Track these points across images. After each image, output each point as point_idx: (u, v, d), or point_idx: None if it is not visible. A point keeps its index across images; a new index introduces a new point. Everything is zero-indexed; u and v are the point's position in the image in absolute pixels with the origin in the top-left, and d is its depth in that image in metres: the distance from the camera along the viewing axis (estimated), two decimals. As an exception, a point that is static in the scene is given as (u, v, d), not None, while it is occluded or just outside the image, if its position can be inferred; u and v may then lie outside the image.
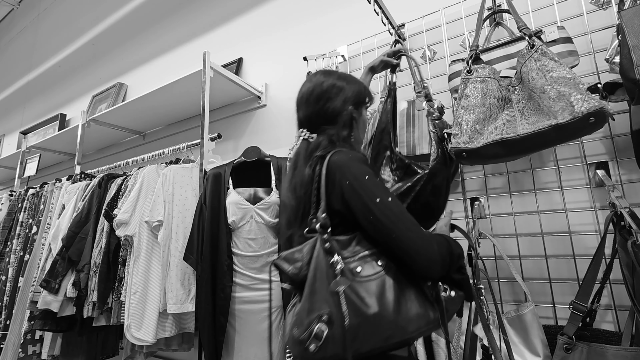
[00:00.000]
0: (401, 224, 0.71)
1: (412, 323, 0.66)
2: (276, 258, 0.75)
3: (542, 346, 0.93)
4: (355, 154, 0.81)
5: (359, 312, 0.65)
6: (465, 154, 0.94)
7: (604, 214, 1.05)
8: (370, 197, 0.73)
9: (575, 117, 0.79)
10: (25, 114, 3.81)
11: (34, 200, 2.23)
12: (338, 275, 0.67)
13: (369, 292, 0.67)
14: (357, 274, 0.69)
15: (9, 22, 4.47)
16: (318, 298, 0.66)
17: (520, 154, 0.98)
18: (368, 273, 0.70)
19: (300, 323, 0.65)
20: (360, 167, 0.77)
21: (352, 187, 0.74)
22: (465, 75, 1.01)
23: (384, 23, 1.36)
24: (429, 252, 0.69)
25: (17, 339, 1.82)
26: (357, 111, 0.92)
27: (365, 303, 0.65)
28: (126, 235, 1.49)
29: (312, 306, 0.65)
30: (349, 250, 0.73)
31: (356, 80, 0.96)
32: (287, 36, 1.92)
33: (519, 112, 0.92)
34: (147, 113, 2.16)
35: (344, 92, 0.90)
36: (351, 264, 0.70)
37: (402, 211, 0.73)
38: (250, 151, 1.48)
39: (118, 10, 2.98)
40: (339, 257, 0.70)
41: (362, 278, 0.69)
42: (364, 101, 0.94)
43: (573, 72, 0.85)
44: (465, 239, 0.97)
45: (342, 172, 0.76)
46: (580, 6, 1.14)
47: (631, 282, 0.84)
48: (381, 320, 0.65)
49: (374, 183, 0.75)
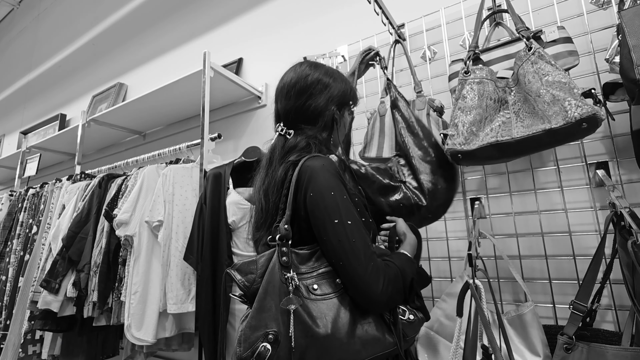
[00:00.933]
0: (350, 254, 0.66)
1: (367, 347, 0.62)
2: (230, 267, 0.70)
3: (542, 346, 0.93)
4: (329, 164, 0.74)
5: (309, 332, 0.61)
6: (461, 155, 0.95)
7: (604, 214, 1.05)
8: (329, 216, 0.68)
9: (568, 122, 0.81)
10: (25, 114, 3.81)
11: (34, 200, 2.23)
12: (291, 293, 0.63)
13: (322, 312, 0.63)
14: (312, 292, 0.65)
15: (9, 22, 4.47)
16: (267, 315, 0.62)
17: (514, 156, 1.00)
18: (324, 292, 0.66)
19: (245, 340, 0.61)
20: (329, 181, 0.71)
21: (314, 200, 0.70)
22: (463, 76, 1.02)
23: (384, 23, 1.36)
24: (371, 290, 0.64)
25: (17, 339, 1.82)
26: (340, 112, 0.86)
27: (316, 323, 0.61)
28: (126, 235, 1.49)
29: (259, 323, 0.62)
30: (308, 265, 0.69)
31: (344, 79, 0.89)
32: (287, 36, 1.92)
33: (514, 114, 0.93)
34: (147, 113, 2.16)
35: (329, 89, 0.84)
36: (308, 280, 0.67)
37: (359, 238, 0.67)
38: (250, 151, 1.48)
39: (118, 10, 2.98)
40: (294, 273, 0.66)
41: (318, 296, 0.65)
42: (348, 103, 0.89)
43: (568, 76, 0.86)
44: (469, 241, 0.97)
45: (309, 181, 0.71)
46: (580, 6, 1.14)
47: (631, 282, 0.84)
48: (332, 342, 0.61)
49: (337, 201, 0.69)
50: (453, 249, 1.27)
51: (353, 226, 0.68)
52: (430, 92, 1.36)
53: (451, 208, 1.28)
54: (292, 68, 0.88)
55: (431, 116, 1.22)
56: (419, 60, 1.40)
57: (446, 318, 1.05)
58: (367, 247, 0.68)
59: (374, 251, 0.69)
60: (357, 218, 0.71)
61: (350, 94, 0.89)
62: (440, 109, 1.22)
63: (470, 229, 1.14)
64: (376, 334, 0.64)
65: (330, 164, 0.74)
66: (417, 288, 0.71)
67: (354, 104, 0.92)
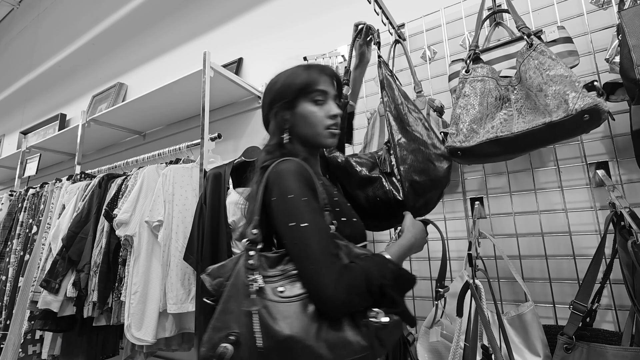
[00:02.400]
0: (303, 257, 0.65)
1: (335, 351, 0.60)
2: (204, 272, 0.71)
3: (542, 346, 0.93)
4: (295, 166, 0.73)
5: (272, 334, 0.60)
6: (460, 152, 0.94)
7: (604, 214, 1.05)
8: (287, 219, 0.68)
9: (569, 114, 0.78)
10: (25, 114, 3.81)
11: (34, 200, 2.23)
12: (254, 294, 0.64)
13: (287, 313, 0.62)
14: (278, 294, 0.64)
15: (9, 22, 4.47)
16: (229, 317, 0.63)
17: (516, 153, 0.97)
18: (291, 294, 0.65)
19: (208, 340, 0.62)
20: (289, 183, 0.71)
21: (275, 204, 0.70)
22: (464, 75, 1.01)
23: (384, 23, 1.36)
24: (323, 293, 0.62)
25: (17, 338, 1.82)
26: (290, 111, 0.83)
27: (279, 325, 0.61)
28: (126, 235, 1.49)
29: (222, 324, 0.63)
30: (278, 268, 0.68)
31: (293, 74, 0.84)
32: (287, 36, 1.92)
33: (516, 111, 0.92)
34: (147, 113, 2.16)
35: (269, 93, 0.85)
36: (276, 282, 0.66)
37: (314, 241, 0.66)
38: (250, 151, 1.48)
39: (118, 10, 2.98)
40: (260, 275, 0.66)
41: (284, 299, 0.64)
42: (297, 95, 0.82)
43: (570, 69, 0.85)
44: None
45: (273, 184, 0.72)
46: (580, 6, 1.14)
47: (631, 282, 0.84)
48: (296, 345, 0.59)
49: (296, 204, 0.69)
50: (453, 249, 1.27)
51: (309, 229, 0.66)
52: (430, 92, 1.36)
53: (451, 208, 1.30)
54: (278, 74, 0.88)
55: (431, 116, 1.22)
56: (419, 60, 1.40)
57: (446, 318, 1.05)
58: (323, 249, 0.65)
59: (336, 253, 0.67)
60: (317, 220, 0.69)
61: (297, 85, 0.82)
62: (440, 109, 1.22)
63: (470, 229, 1.14)
64: (345, 338, 0.62)
65: (296, 167, 0.74)
66: (391, 292, 0.65)
67: (310, 89, 0.83)
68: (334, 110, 0.84)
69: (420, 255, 1.29)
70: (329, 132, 0.84)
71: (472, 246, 1.03)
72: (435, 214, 1.30)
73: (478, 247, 1.04)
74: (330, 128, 0.84)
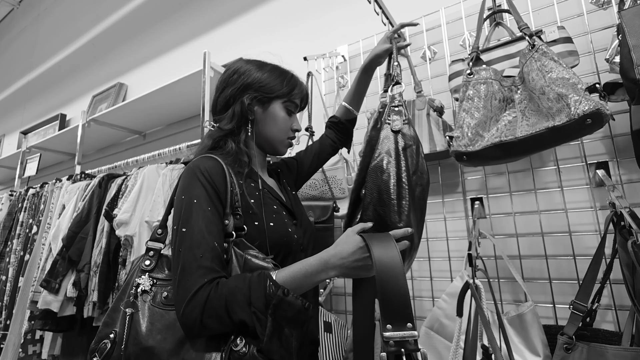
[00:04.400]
0: (174, 263, 0.62)
1: None
2: None
3: (542, 346, 0.93)
4: (203, 165, 0.69)
5: (137, 341, 0.59)
6: (466, 156, 0.95)
7: (604, 214, 1.05)
8: (175, 220, 0.66)
9: (572, 119, 0.79)
10: (25, 114, 3.81)
11: (34, 200, 2.23)
12: (133, 297, 0.63)
13: (164, 321, 0.61)
14: (162, 300, 0.63)
15: (9, 22, 4.47)
16: (116, 315, 0.64)
17: (520, 155, 0.98)
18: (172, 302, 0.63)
19: (98, 333, 0.63)
20: (188, 184, 0.68)
21: (175, 203, 0.69)
22: (467, 77, 1.01)
23: (384, 23, 1.35)
24: (178, 307, 0.58)
25: (18, 338, 1.82)
26: (261, 106, 0.80)
27: (147, 332, 0.60)
28: (126, 235, 1.49)
29: (111, 321, 0.64)
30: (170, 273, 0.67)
31: (279, 73, 0.83)
32: (287, 36, 1.92)
33: (520, 113, 0.92)
34: (147, 113, 2.16)
35: (245, 77, 0.78)
36: (167, 287, 0.65)
37: (188, 248, 0.61)
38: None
39: (118, 10, 2.98)
40: (150, 278, 0.65)
41: (165, 305, 0.63)
42: (276, 97, 0.81)
43: (572, 72, 0.85)
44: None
45: (180, 182, 0.70)
46: (580, 6, 1.14)
47: (631, 282, 0.84)
48: (152, 356, 0.58)
49: (183, 206, 0.65)
50: (453, 248, 1.27)
51: (186, 234, 0.62)
52: (430, 92, 1.36)
53: (451, 208, 1.30)
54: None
55: (431, 116, 1.22)
56: (419, 60, 1.40)
57: (446, 318, 1.05)
58: (192, 259, 0.60)
59: (207, 265, 0.60)
60: (200, 226, 0.62)
61: (282, 89, 0.81)
62: (440, 109, 1.22)
63: (470, 229, 1.14)
64: (203, 358, 0.57)
65: (205, 165, 0.69)
66: (256, 321, 0.56)
67: (292, 98, 0.83)
68: (298, 126, 0.87)
69: (420, 255, 1.30)
70: (288, 142, 0.87)
71: (472, 246, 1.03)
72: (436, 213, 1.30)
73: (478, 247, 1.04)
74: (290, 139, 0.87)
